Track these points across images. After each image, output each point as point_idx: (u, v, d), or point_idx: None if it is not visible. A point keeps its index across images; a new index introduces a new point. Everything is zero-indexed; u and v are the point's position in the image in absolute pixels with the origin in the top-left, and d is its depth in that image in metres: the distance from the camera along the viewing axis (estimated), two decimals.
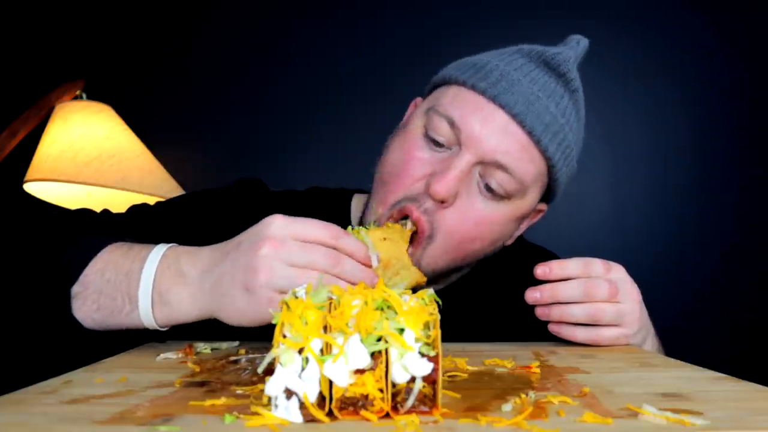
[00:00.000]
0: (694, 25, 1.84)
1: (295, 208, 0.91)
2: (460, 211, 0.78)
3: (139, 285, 0.64)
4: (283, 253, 0.59)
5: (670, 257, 1.80)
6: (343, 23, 1.92)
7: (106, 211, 0.89)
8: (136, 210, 0.91)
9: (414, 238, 0.79)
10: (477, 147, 0.76)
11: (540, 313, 0.77)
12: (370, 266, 0.64)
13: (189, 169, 1.86)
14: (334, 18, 1.91)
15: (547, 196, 0.87)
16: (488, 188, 0.78)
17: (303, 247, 0.59)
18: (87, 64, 1.89)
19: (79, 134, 1.58)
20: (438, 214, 0.78)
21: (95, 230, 0.77)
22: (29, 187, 1.62)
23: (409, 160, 0.79)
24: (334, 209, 0.97)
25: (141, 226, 0.86)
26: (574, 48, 0.84)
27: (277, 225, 0.60)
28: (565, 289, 0.75)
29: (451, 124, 0.77)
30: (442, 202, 0.77)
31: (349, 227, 0.68)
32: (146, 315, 0.65)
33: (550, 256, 1.07)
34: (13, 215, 0.78)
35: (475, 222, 0.79)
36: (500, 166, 0.76)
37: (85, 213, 0.86)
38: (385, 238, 0.73)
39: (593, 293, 0.74)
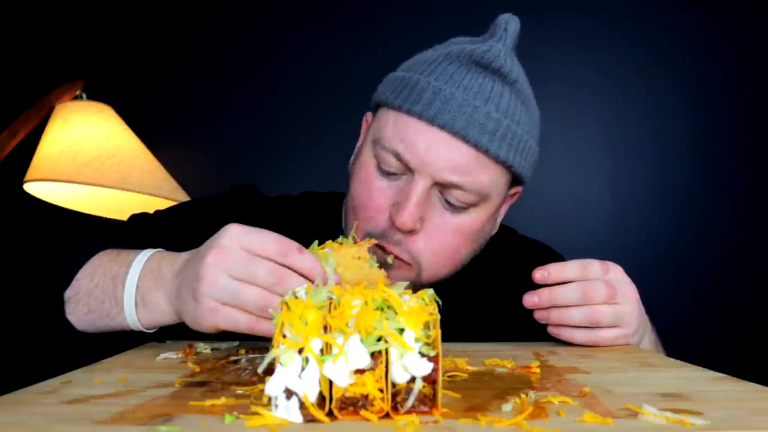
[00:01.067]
0: (695, 25, 1.83)
1: (288, 214, 0.92)
2: (433, 233, 0.79)
3: (124, 288, 0.67)
4: (227, 263, 0.58)
5: (670, 257, 1.80)
6: (343, 23, 1.91)
7: (107, 221, 0.92)
8: (136, 219, 0.93)
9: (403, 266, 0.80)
10: (427, 171, 0.76)
11: (539, 316, 0.77)
12: None
13: (189, 169, 1.86)
14: (334, 18, 1.91)
15: (519, 180, 0.86)
16: (449, 203, 0.78)
17: (248, 260, 0.58)
18: (87, 64, 1.89)
19: (79, 134, 1.58)
20: (413, 243, 0.79)
21: (95, 239, 0.79)
22: (29, 187, 1.62)
23: (370, 192, 0.80)
24: (326, 213, 0.97)
25: (141, 234, 0.88)
26: (503, 38, 0.81)
27: (229, 234, 0.60)
28: (564, 293, 0.75)
29: (397, 156, 0.77)
30: (411, 231, 0.78)
31: (315, 243, 0.64)
32: (131, 317, 0.67)
33: (548, 251, 1.07)
34: (17, 224, 0.83)
35: (452, 235, 0.80)
36: (454, 185, 0.77)
37: (86, 224, 0.89)
38: (359, 257, 0.68)
39: (591, 296, 0.74)
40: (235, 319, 0.59)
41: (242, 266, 0.58)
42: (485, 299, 0.96)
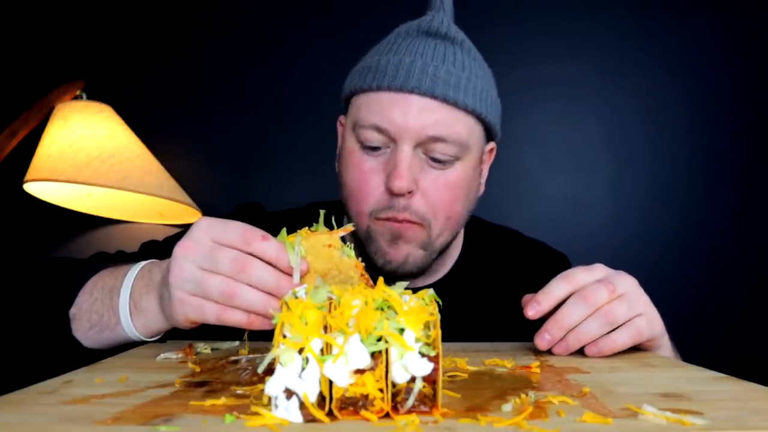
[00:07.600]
0: (695, 25, 1.83)
1: (295, 226, 0.93)
2: (428, 191, 0.83)
3: (119, 298, 0.68)
4: (193, 254, 0.59)
5: (671, 258, 1.80)
6: (345, 23, 1.91)
7: (119, 252, 0.96)
8: (147, 246, 0.97)
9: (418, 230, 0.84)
10: (409, 135, 0.81)
11: (559, 351, 0.70)
12: (290, 275, 0.59)
13: (189, 169, 1.86)
14: (336, 18, 1.91)
15: (491, 135, 0.92)
16: (436, 160, 0.83)
17: (212, 249, 0.58)
18: (87, 64, 1.89)
19: (79, 134, 1.58)
20: (416, 203, 0.83)
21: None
22: (29, 187, 1.62)
23: (362, 172, 0.85)
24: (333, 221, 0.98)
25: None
26: (441, 9, 0.91)
27: (198, 226, 0.60)
28: (569, 313, 0.68)
29: (378, 129, 0.82)
30: (410, 193, 0.82)
31: (283, 231, 0.63)
32: (127, 326, 0.68)
33: (549, 252, 1.08)
34: (17, 224, 0.89)
35: (445, 190, 0.84)
36: (436, 139, 0.81)
37: (98, 254, 0.94)
38: (330, 245, 0.65)
39: (594, 299, 0.68)
40: (203, 308, 0.59)
41: (206, 256, 0.58)
42: (485, 299, 0.97)
